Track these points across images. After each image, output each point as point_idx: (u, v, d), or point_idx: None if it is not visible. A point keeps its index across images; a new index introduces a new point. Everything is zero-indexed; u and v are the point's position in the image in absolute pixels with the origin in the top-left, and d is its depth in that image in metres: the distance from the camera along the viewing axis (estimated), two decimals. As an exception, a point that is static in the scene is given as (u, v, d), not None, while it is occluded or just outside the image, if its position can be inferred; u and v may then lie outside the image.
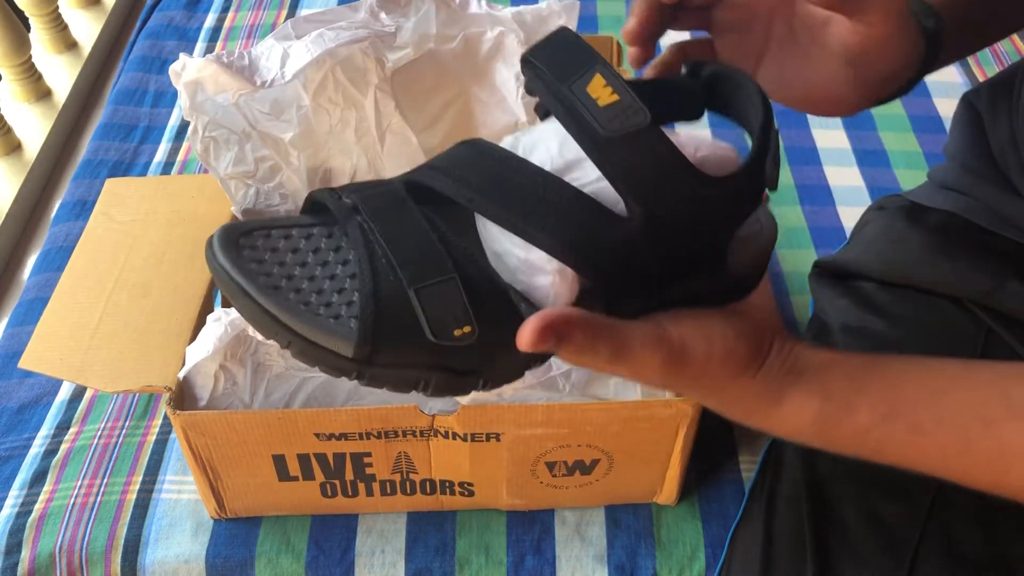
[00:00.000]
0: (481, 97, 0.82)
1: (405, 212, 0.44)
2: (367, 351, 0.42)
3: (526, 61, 0.44)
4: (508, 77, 0.81)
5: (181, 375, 0.64)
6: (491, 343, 0.42)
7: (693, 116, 0.50)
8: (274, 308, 0.42)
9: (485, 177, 0.42)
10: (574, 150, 0.42)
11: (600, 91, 0.40)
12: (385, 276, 0.42)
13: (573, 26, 0.84)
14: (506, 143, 0.45)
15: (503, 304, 0.43)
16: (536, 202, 0.41)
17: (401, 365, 0.43)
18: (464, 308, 0.42)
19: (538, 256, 0.42)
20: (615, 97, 0.40)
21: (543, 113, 0.48)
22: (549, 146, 0.44)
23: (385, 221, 0.43)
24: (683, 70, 0.50)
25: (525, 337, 0.38)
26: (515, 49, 0.81)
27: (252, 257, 0.43)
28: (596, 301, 0.43)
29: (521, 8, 0.82)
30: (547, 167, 0.42)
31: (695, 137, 0.44)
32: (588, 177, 0.42)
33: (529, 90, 0.45)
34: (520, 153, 0.44)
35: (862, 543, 0.57)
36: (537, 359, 0.45)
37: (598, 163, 0.41)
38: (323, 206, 0.46)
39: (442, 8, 0.79)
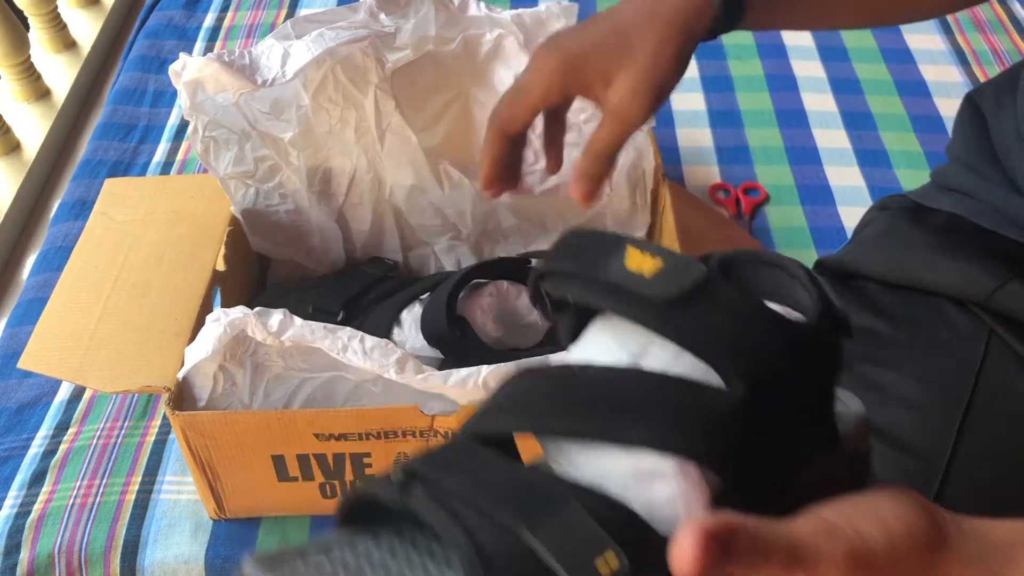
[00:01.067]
0: (480, 98, 0.82)
1: (480, 456, 0.36)
2: None
3: (542, 276, 0.39)
4: (507, 78, 0.81)
5: (180, 375, 0.64)
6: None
7: None
8: None
9: (547, 398, 0.36)
10: (634, 339, 0.37)
11: (640, 262, 0.35)
12: (481, 530, 0.32)
13: None
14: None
15: (638, 528, 0.34)
16: (615, 400, 0.34)
17: None
18: (599, 533, 0.32)
19: (648, 461, 0.34)
20: (659, 262, 0.35)
21: (571, 332, 0.42)
22: (606, 348, 0.38)
23: (456, 469, 0.35)
24: None
25: (686, 556, 0.30)
26: (514, 51, 0.81)
27: None
28: (726, 494, 0.35)
29: (520, 11, 0.81)
30: None
31: None
32: (663, 362, 0.36)
33: (557, 306, 0.39)
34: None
35: (892, 465, 0.55)
36: None
37: (667, 333, 0.35)
38: (366, 504, 0.37)
39: (441, 10, 0.79)
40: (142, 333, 0.68)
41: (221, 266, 0.74)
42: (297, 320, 0.64)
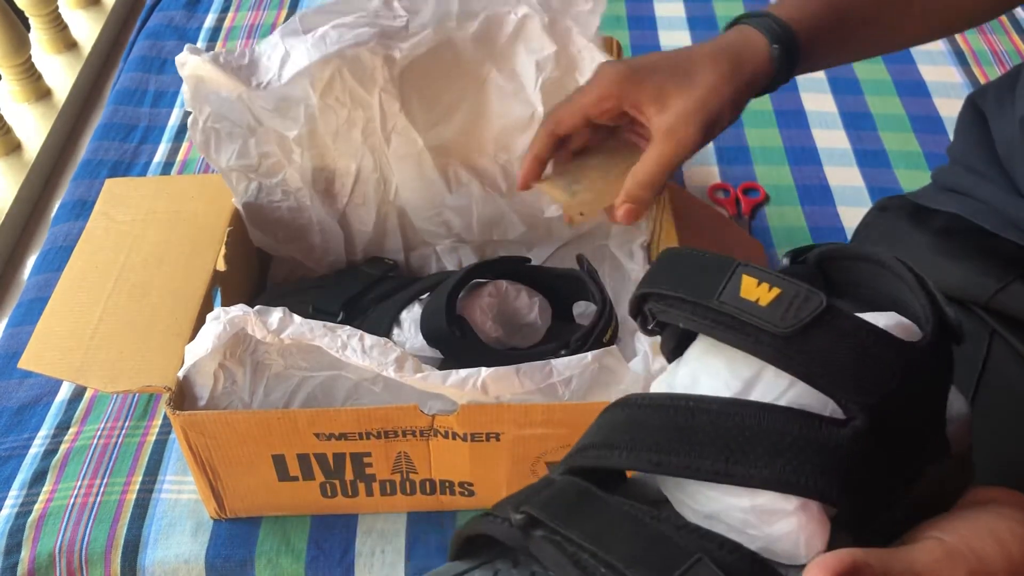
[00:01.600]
0: (499, 83, 0.81)
1: (598, 505, 0.35)
2: None
3: (646, 297, 0.38)
4: (528, 63, 0.79)
5: (181, 374, 0.64)
6: None
7: None
8: None
9: (663, 432, 0.35)
10: (747, 366, 0.36)
11: (756, 291, 0.34)
12: None
13: (601, 9, 0.80)
14: (659, 387, 0.39)
15: (763, 572, 0.34)
16: (736, 437, 0.34)
17: None
18: None
19: (767, 499, 0.34)
20: (776, 291, 0.34)
21: (672, 350, 0.41)
22: (716, 372, 0.37)
23: (580, 523, 0.34)
24: (785, 262, 0.45)
25: None
26: (538, 33, 0.79)
27: None
28: (842, 531, 0.35)
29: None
30: (724, 395, 0.36)
31: (864, 317, 0.37)
32: (777, 388, 0.36)
33: (659, 327, 0.39)
34: (681, 391, 0.37)
35: None
36: None
37: (787, 367, 0.34)
38: (481, 539, 0.38)
39: None
40: (143, 333, 0.68)
41: (221, 266, 0.74)
42: (296, 318, 0.64)
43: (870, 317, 0.37)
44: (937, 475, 0.37)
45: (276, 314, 0.64)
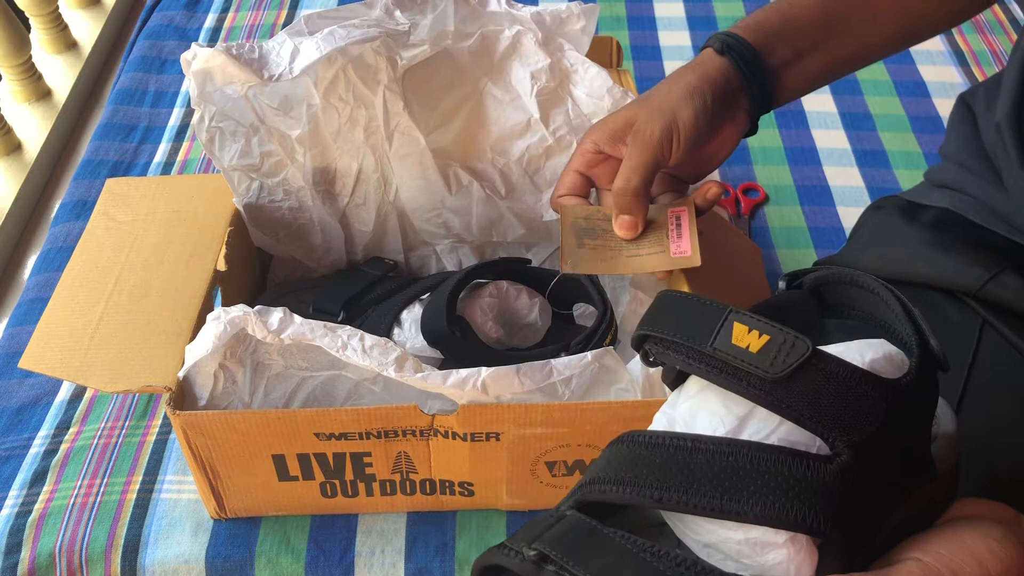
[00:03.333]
0: (495, 94, 0.82)
1: (605, 543, 0.38)
2: None
3: (645, 338, 0.41)
4: (523, 76, 0.81)
5: (181, 374, 0.64)
6: None
7: (810, 328, 0.47)
8: None
9: (663, 470, 0.38)
10: (741, 404, 0.39)
11: (747, 338, 0.38)
12: None
13: (592, 29, 0.84)
14: (658, 425, 0.42)
15: None
16: (731, 475, 0.37)
17: None
18: None
19: (759, 532, 0.37)
20: (765, 338, 0.38)
21: (673, 380, 0.44)
22: (712, 409, 0.40)
23: (587, 561, 0.37)
24: (782, 284, 0.48)
25: None
26: (532, 49, 0.81)
27: None
28: (830, 557, 0.38)
29: (540, 8, 0.81)
30: (719, 432, 0.39)
31: (851, 347, 0.41)
32: (768, 426, 0.39)
33: (657, 363, 0.42)
34: (681, 428, 0.41)
35: None
36: None
37: (777, 409, 0.37)
38: (498, 570, 0.41)
39: (461, 5, 0.79)
40: (143, 333, 0.68)
41: (222, 266, 0.74)
42: (297, 318, 0.64)
43: (861, 345, 0.40)
44: (922, 495, 0.40)
45: (276, 314, 0.64)
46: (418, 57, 0.78)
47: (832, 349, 0.40)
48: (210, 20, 1.37)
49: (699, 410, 0.41)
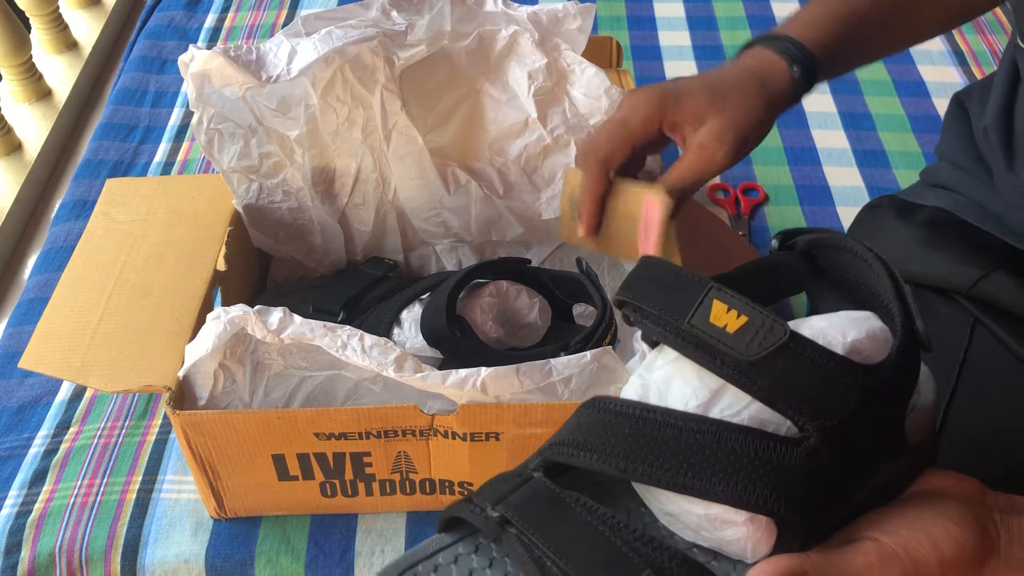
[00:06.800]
0: (493, 94, 0.82)
1: (565, 513, 0.38)
2: None
3: (624, 304, 0.41)
4: (520, 76, 0.81)
5: (181, 374, 0.64)
6: None
7: (799, 290, 0.47)
8: None
9: (631, 441, 0.38)
10: (716, 377, 0.39)
11: (725, 317, 0.37)
12: None
13: (588, 28, 0.83)
14: (632, 389, 0.42)
15: None
16: (697, 453, 0.37)
17: None
18: None
19: (719, 510, 0.38)
20: (743, 319, 0.37)
21: (653, 340, 0.44)
22: (686, 378, 0.40)
23: (547, 530, 0.38)
24: (774, 244, 0.48)
25: None
26: (529, 48, 0.81)
27: None
28: (791, 534, 0.38)
29: (537, 8, 0.82)
30: (691, 404, 0.39)
31: (835, 323, 0.40)
32: (740, 402, 0.39)
33: (633, 324, 0.42)
34: (654, 398, 0.41)
35: None
36: None
37: (750, 390, 0.37)
38: (460, 520, 0.42)
39: (457, 5, 0.79)
40: (143, 333, 0.68)
41: (222, 266, 0.74)
42: (296, 318, 0.64)
43: (844, 322, 0.40)
44: (890, 470, 0.40)
45: (276, 314, 0.64)
46: (415, 57, 0.78)
47: (815, 323, 0.40)
48: (210, 20, 1.37)
49: (674, 378, 0.41)
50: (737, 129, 0.62)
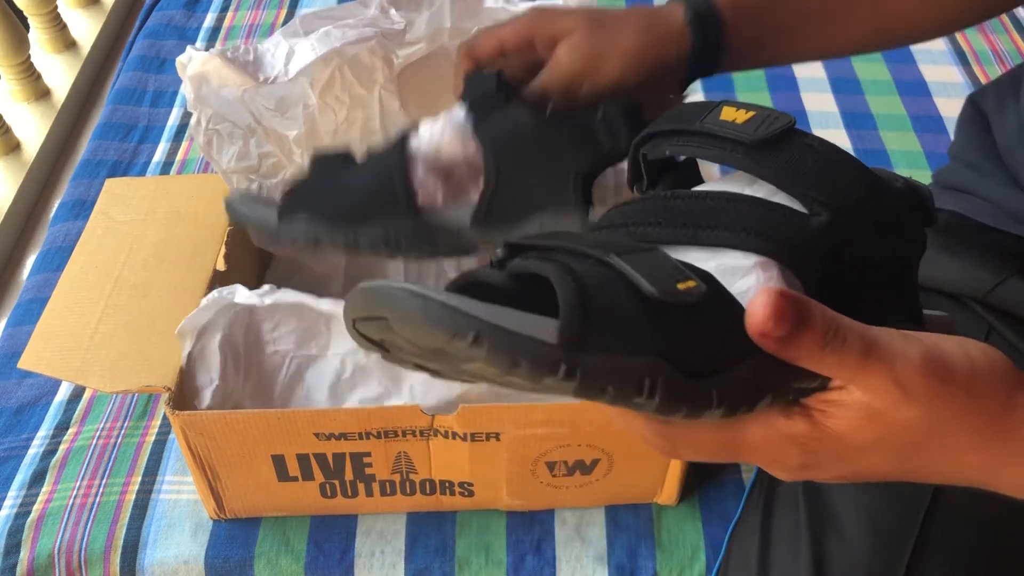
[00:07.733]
0: None
1: (564, 232, 0.39)
2: (576, 330, 0.32)
3: (644, 140, 0.42)
4: None
5: (182, 359, 0.64)
6: (718, 336, 0.35)
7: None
8: (456, 301, 0.33)
9: (640, 211, 0.40)
10: (731, 186, 0.40)
11: (734, 115, 0.39)
12: (576, 261, 0.35)
13: None
14: None
15: (720, 292, 0.36)
16: (708, 214, 0.38)
17: (619, 350, 0.34)
18: (682, 267, 0.34)
19: (731, 258, 0.37)
20: (751, 113, 0.39)
21: (646, 187, 0.45)
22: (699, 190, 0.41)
23: (549, 238, 0.37)
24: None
25: (758, 315, 0.31)
26: None
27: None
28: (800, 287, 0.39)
29: (536, 4, 0.81)
30: None
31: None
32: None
33: (653, 177, 0.43)
34: None
35: (859, 543, 0.56)
36: (777, 376, 0.36)
37: (758, 172, 0.38)
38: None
39: (457, 2, 0.79)
40: (142, 333, 0.68)
41: (221, 266, 0.74)
42: (282, 288, 0.65)
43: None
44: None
45: (266, 287, 0.66)
46: (414, 55, 0.78)
47: None
48: (209, 20, 1.36)
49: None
50: (592, 43, 0.61)
